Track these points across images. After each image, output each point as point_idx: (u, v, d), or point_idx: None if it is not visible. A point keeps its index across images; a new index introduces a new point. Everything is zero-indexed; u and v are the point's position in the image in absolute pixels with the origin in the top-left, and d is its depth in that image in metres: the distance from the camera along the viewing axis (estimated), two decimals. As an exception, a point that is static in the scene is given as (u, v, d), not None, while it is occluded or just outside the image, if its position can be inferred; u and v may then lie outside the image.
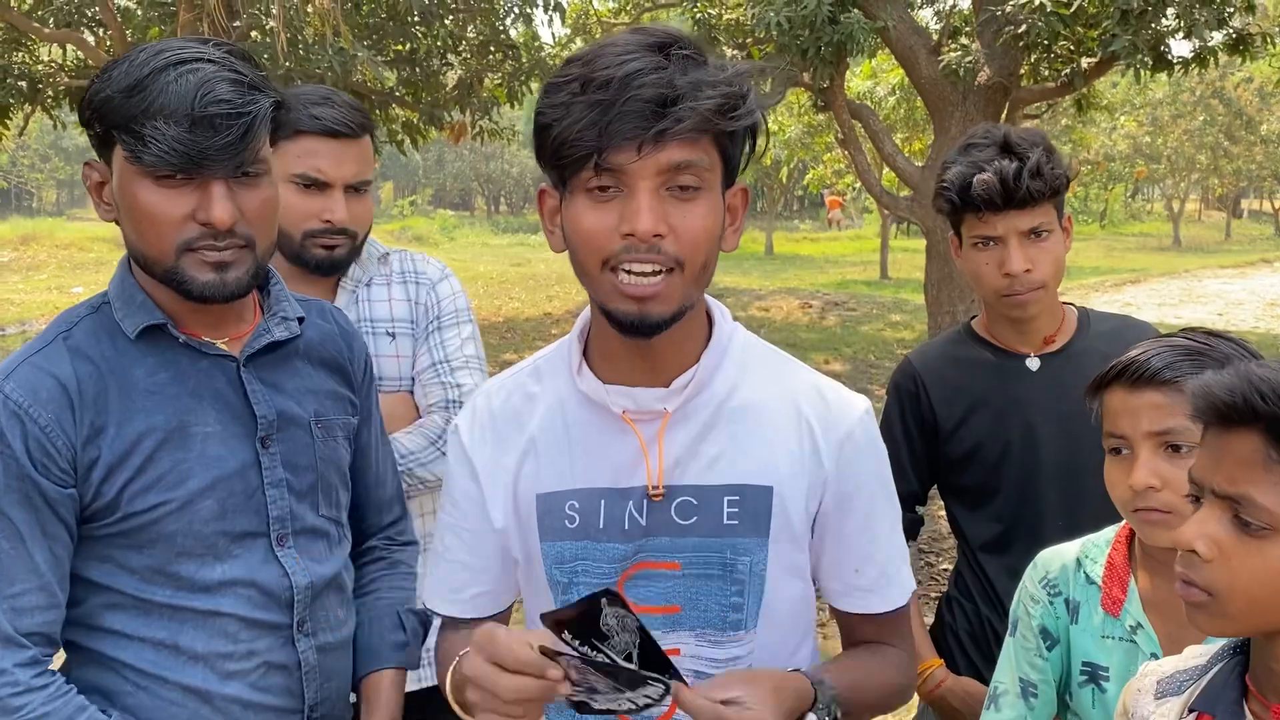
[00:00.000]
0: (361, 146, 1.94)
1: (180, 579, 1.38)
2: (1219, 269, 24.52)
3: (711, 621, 1.27)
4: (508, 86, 10.04)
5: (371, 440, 1.65)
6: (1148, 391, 1.39)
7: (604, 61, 1.11)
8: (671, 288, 1.15)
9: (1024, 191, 1.81)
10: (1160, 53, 6.64)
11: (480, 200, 51.57)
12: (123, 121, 1.27)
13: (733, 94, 1.13)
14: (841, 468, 1.29)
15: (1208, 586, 1.02)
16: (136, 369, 1.37)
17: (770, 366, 1.32)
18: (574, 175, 1.14)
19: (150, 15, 8.92)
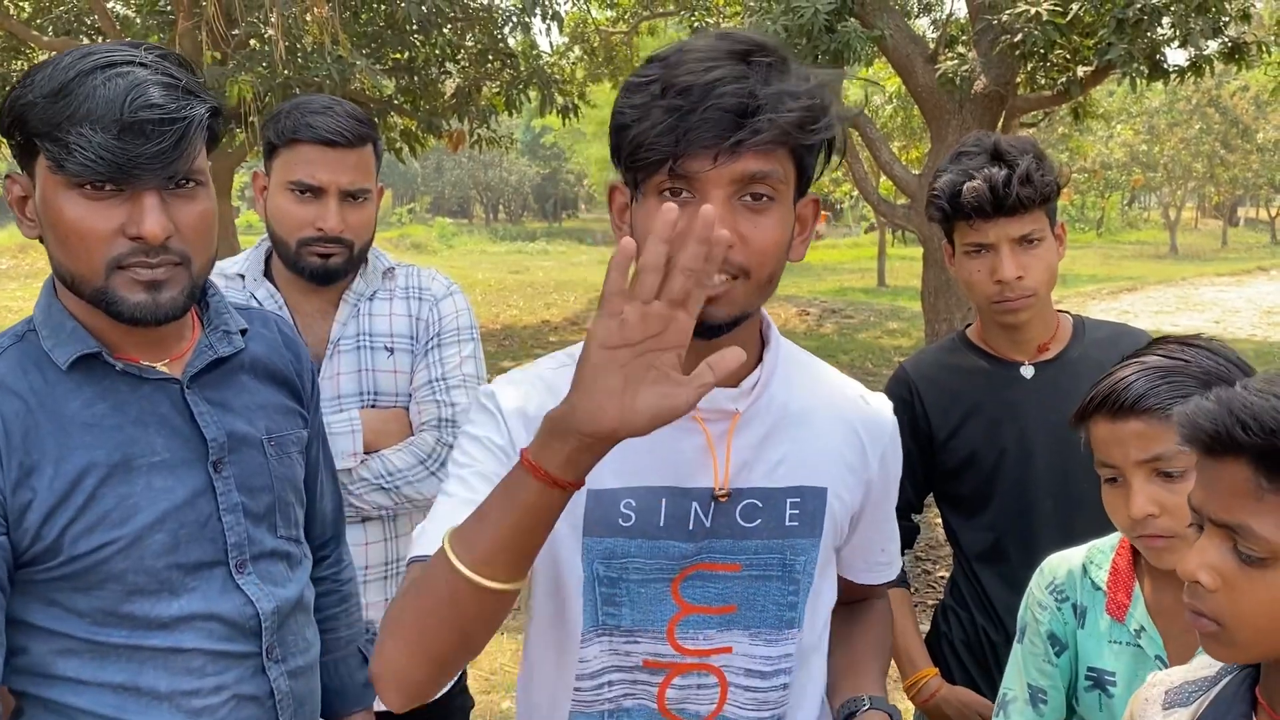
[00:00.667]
0: (360, 155, 1.94)
1: (135, 618, 1.29)
2: (1215, 277, 24.54)
3: (768, 621, 1.28)
4: (506, 95, 10.05)
5: (318, 456, 1.58)
6: (1131, 421, 1.38)
7: (686, 67, 1.10)
8: (735, 293, 1.14)
9: (1014, 198, 1.82)
10: (1156, 61, 6.66)
11: (478, 208, 51.58)
12: (45, 129, 1.17)
13: (814, 106, 1.12)
14: (883, 468, 1.36)
15: (1215, 616, 1.01)
16: (71, 401, 1.27)
17: (812, 372, 1.35)
18: (648, 177, 1.14)
19: (149, 23, 8.93)
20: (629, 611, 1.24)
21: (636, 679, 1.27)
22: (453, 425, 1.96)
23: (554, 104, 9.85)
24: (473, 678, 3.96)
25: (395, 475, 1.93)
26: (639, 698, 1.27)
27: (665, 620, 1.25)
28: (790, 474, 1.27)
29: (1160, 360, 1.40)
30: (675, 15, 11.77)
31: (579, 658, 1.26)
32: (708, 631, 1.26)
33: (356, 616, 1.69)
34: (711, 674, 1.27)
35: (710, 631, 1.26)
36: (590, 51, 13.08)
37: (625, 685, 1.27)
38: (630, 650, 1.26)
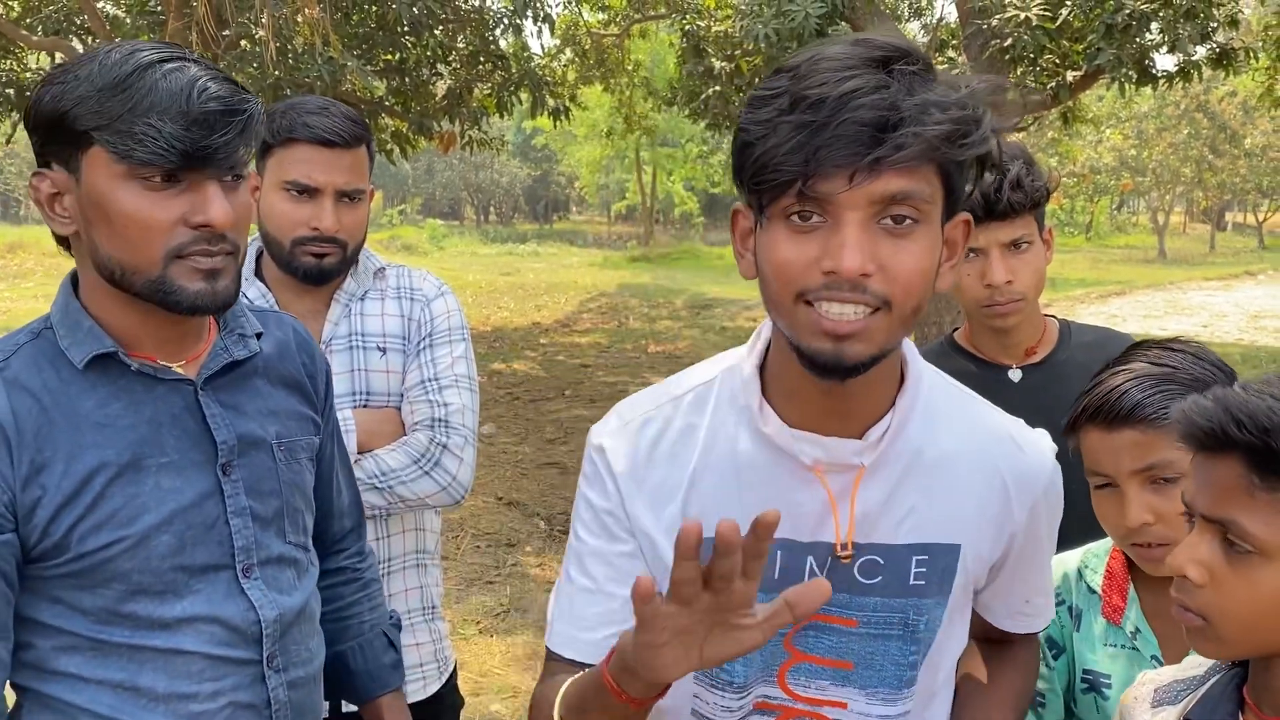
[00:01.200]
0: (355, 156, 1.95)
1: (138, 618, 1.29)
2: (1203, 281, 24.66)
3: (886, 681, 1.20)
4: (497, 97, 10.05)
5: (333, 453, 1.59)
6: (1126, 430, 1.37)
7: (818, 77, 0.98)
8: (875, 328, 1.02)
9: (1004, 203, 1.83)
10: (1145, 66, 6.71)
11: (470, 210, 51.55)
12: (104, 121, 1.19)
13: (965, 118, 1.00)
14: (1032, 519, 1.23)
15: (1201, 611, 1.02)
16: (85, 400, 1.28)
17: (959, 410, 1.22)
18: (774, 200, 1.02)
19: (139, 24, 8.92)
20: (741, 668, 1.19)
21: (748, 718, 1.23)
22: (445, 425, 1.96)
23: (545, 106, 9.85)
24: (463, 680, 3.96)
25: (389, 475, 1.93)
26: None
27: (776, 665, 1.20)
28: (918, 530, 1.16)
29: (1148, 368, 1.40)
30: (667, 18, 11.79)
31: (693, 693, 1.23)
32: (820, 682, 1.20)
33: (379, 601, 1.70)
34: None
35: (824, 683, 1.20)
36: (582, 54, 13.10)
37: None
38: (740, 704, 1.22)
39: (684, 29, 10.40)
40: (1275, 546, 0.97)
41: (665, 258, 28.04)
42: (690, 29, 10.21)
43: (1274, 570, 0.98)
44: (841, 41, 1.03)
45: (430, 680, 2.09)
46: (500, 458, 7.75)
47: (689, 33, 10.20)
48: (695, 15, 10.41)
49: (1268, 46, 8.56)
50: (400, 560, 2.06)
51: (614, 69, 13.46)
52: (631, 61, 14.15)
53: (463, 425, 1.98)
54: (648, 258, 28.39)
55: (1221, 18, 6.67)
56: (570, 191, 50.59)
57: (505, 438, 8.41)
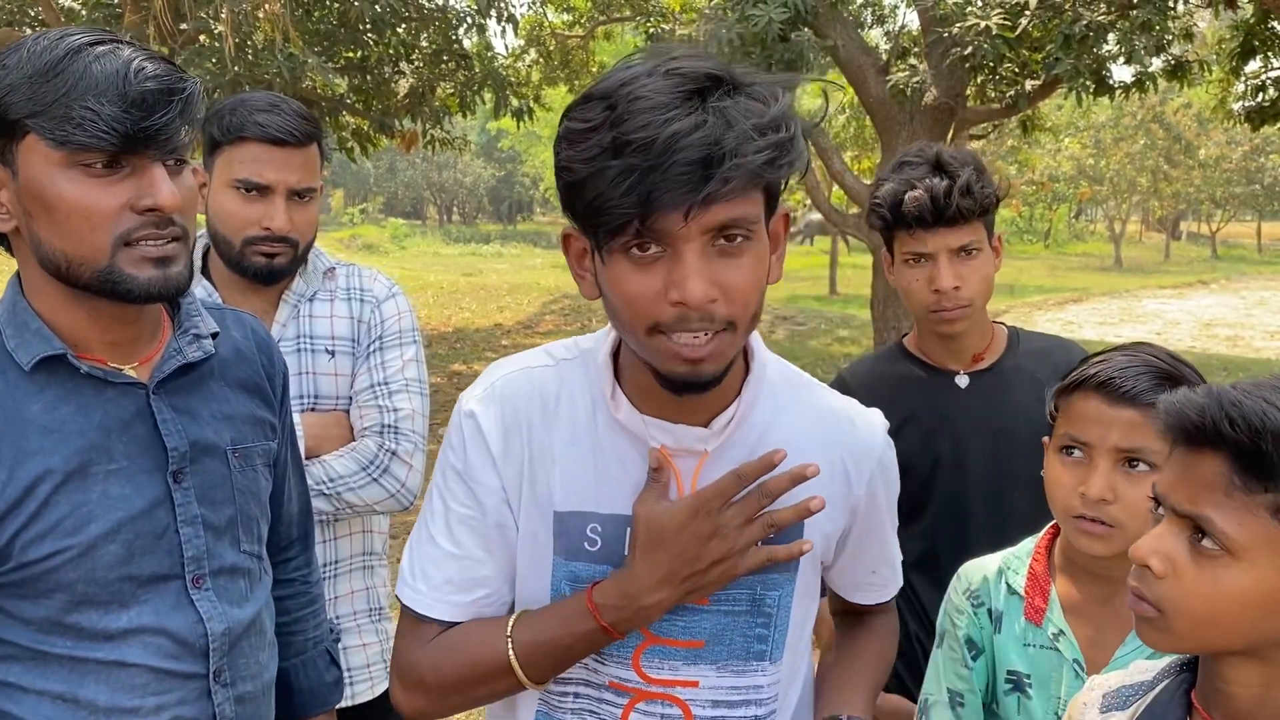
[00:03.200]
0: (306, 154, 1.92)
1: (81, 629, 1.25)
2: (1158, 289, 25.08)
3: (735, 654, 1.25)
4: (460, 96, 9.99)
5: (287, 458, 1.55)
6: (1127, 409, 1.40)
7: (640, 118, 1.00)
8: (724, 346, 1.09)
9: (954, 209, 1.84)
10: (1102, 77, 6.81)
11: (432, 209, 51.27)
12: (38, 108, 1.15)
13: (782, 141, 1.04)
14: (871, 490, 1.31)
15: (1157, 602, 1.02)
16: (32, 404, 1.23)
17: (800, 396, 1.29)
18: (611, 237, 1.05)
19: (94, 16, 8.77)
20: None
21: (603, 698, 1.26)
22: (395, 431, 1.94)
23: (508, 106, 9.81)
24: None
25: (336, 481, 1.90)
26: (603, 717, 1.26)
27: (631, 647, 1.23)
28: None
29: (1160, 365, 1.44)
30: (631, 20, 11.79)
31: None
32: (673, 663, 1.24)
33: (323, 618, 1.67)
34: (676, 705, 1.25)
35: (676, 663, 1.24)
36: (546, 55, 13.07)
37: (591, 701, 1.26)
38: (599, 669, 1.25)
39: (648, 32, 10.41)
40: (1243, 548, 0.98)
41: (628, 260, 27.96)
42: (654, 32, 10.22)
43: (1237, 571, 0.98)
44: (650, 70, 1.05)
45: (378, 681, 2.07)
46: (459, 460, 7.68)
47: (653, 36, 10.21)
48: (660, 18, 10.42)
49: (1221, 59, 8.71)
50: (347, 562, 2.03)
51: (578, 70, 13.43)
52: (596, 63, 14.13)
53: (412, 431, 1.95)
54: (611, 260, 28.29)
55: (1177, 30, 6.79)
56: (534, 192, 50.47)
57: (465, 439, 8.34)
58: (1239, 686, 1.03)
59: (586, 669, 1.25)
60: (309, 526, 1.66)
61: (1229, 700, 1.03)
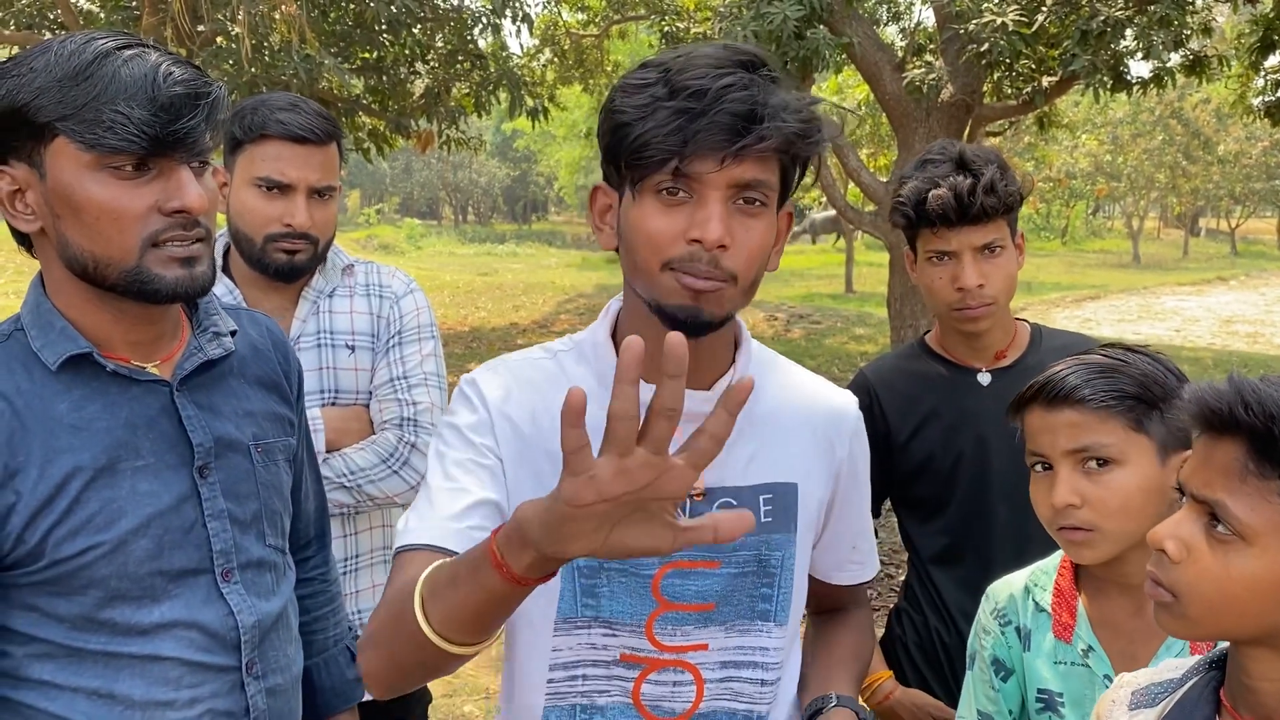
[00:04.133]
0: (326, 153, 1.94)
1: (115, 624, 1.27)
2: (1177, 286, 24.92)
3: (741, 613, 1.30)
4: (475, 96, 10.02)
5: (304, 456, 1.57)
6: (1065, 410, 1.42)
7: (696, 71, 1.12)
8: (726, 294, 1.17)
9: (978, 207, 1.84)
10: (1119, 73, 6.78)
11: (448, 209, 51.40)
12: (68, 111, 1.17)
13: (812, 119, 1.16)
14: (851, 456, 1.39)
15: (1172, 587, 1.04)
16: (59, 403, 1.25)
17: (779, 372, 1.38)
18: (647, 176, 1.15)
19: (113, 18, 8.83)
20: (608, 603, 1.25)
21: (612, 674, 1.27)
22: (414, 424, 1.96)
23: (523, 106, 9.83)
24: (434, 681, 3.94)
25: (357, 474, 1.92)
26: (613, 694, 1.27)
27: (644, 615, 1.26)
28: (761, 471, 1.30)
29: (1099, 359, 1.46)
30: (646, 19, 11.80)
31: (552, 646, 1.27)
32: (685, 628, 1.27)
33: (343, 615, 1.69)
34: (687, 671, 1.28)
35: (689, 628, 1.27)
36: (561, 54, 13.09)
37: (600, 680, 1.27)
38: (608, 644, 1.26)
39: (663, 30, 10.41)
40: (1255, 533, 0.99)
41: (644, 259, 27.97)
42: (669, 30, 10.22)
43: (1249, 556, 1.00)
44: (708, 46, 1.17)
45: None
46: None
47: (668, 34, 10.21)
48: (674, 17, 10.42)
49: (1240, 54, 8.65)
50: (368, 556, 2.05)
51: (593, 69, 13.45)
52: (611, 62, 14.15)
53: (431, 424, 1.97)
54: (626, 259, 28.30)
55: (1195, 25, 6.75)
56: (549, 192, 50.55)
57: (481, 438, 8.37)
58: (1265, 681, 1.03)
59: (594, 647, 1.26)
60: (325, 524, 1.67)
61: (1256, 696, 1.04)
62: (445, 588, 1.01)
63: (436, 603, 1.02)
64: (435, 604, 1.02)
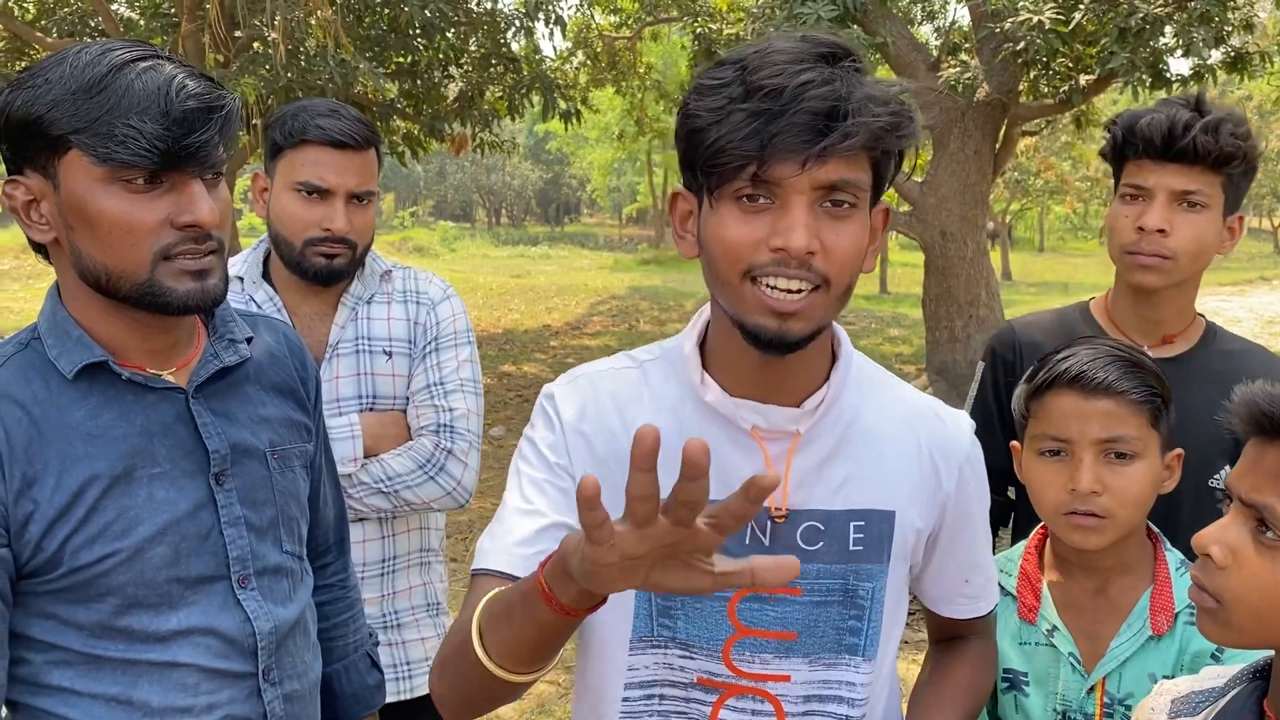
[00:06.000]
0: (365, 158, 1.95)
1: (133, 632, 1.27)
2: (1218, 286, 24.53)
3: (827, 646, 1.22)
4: (508, 99, 10.05)
5: (322, 464, 1.56)
6: (1101, 400, 1.44)
7: (771, 68, 1.04)
8: (814, 305, 1.09)
9: (1188, 144, 1.68)
10: (1158, 70, 6.68)
11: (481, 212, 51.63)
12: (82, 124, 1.16)
13: (901, 112, 1.07)
14: (960, 487, 1.27)
15: (1216, 593, 1.02)
16: (75, 411, 1.25)
17: (884, 388, 1.28)
18: (725, 183, 1.08)
19: (153, 26, 8.95)
20: (684, 625, 1.20)
21: (690, 696, 1.22)
22: (450, 430, 1.97)
23: (556, 108, 9.86)
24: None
25: (395, 480, 1.93)
26: (691, 716, 1.22)
27: (721, 639, 1.20)
28: (854, 496, 1.21)
29: (1124, 353, 1.48)
30: (678, 21, 11.79)
31: (628, 664, 1.22)
32: (765, 655, 1.21)
33: (363, 622, 1.69)
34: (768, 701, 1.22)
35: (768, 656, 1.20)
36: (593, 56, 13.11)
37: (678, 701, 1.23)
38: (685, 665, 1.21)
39: (696, 32, 10.40)
40: None
41: (676, 260, 28.01)
42: (702, 32, 10.21)
43: None
44: (785, 38, 1.09)
45: None
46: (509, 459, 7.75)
47: (701, 35, 10.20)
48: (707, 18, 10.41)
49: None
50: (405, 559, 2.06)
51: (626, 71, 13.46)
52: (643, 64, 14.15)
53: (467, 430, 1.98)
54: (658, 260, 28.39)
55: (1236, 21, 6.64)
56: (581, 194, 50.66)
57: (514, 439, 8.41)
58: None
59: (670, 668, 1.22)
60: (344, 531, 1.67)
61: None
62: (501, 619, 1.03)
63: (493, 634, 1.03)
64: (492, 635, 1.04)
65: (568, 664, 3.85)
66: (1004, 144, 7.78)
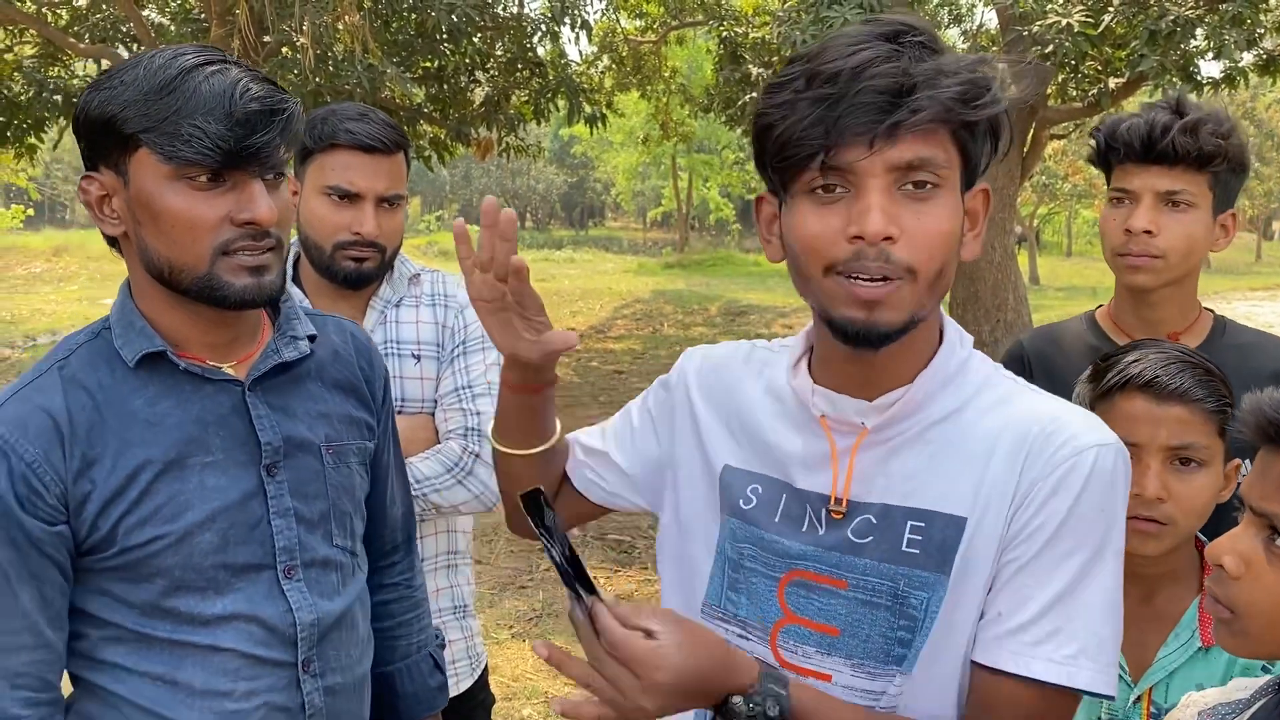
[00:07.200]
0: (394, 162, 1.96)
1: (179, 614, 1.32)
2: (1249, 291, 24.27)
3: (872, 653, 1.12)
4: (534, 103, 10.09)
5: (389, 461, 1.60)
6: (1175, 406, 1.41)
7: (831, 53, 1.02)
8: (903, 295, 1.04)
9: (1167, 144, 1.70)
10: (1189, 73, 6.63)
11: (505, 216, 51.76)
12: (151, 123, 1.23)
13: (975, 80, 1.02)
14: (1042, 499, 1.08)
15: (1230, 603, 1.01)
16: (136, 398, 1.32)
17: (1007, 396, 1.15)
18: (797, 177, 1.05)
19: (183, 31, 9.05)
20: (745, 601, 1.20)
21: None
22: (478, 434, 1.97)
23: (582, 112, 9.88)
24: (495, 684, 3.97)
25: (423, 483, 1.94)
26: None
27: (771, 622, 1.18)
28: (919, 495, 1.11)
29: (1197, 360, 1.45)
30: (704, 24, 11.79)
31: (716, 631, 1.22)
32: (807, 648, 1.16)
33: (427, 622, 1.70)
34: None
35: (810, 649, 1.16)
36: (619, 60, 13.13)
37: None
38: (739, 645, 1.19)
39: (721, 35, 10.40)
40: None
41: (700, 264, 28.01)
42: (727, 35, 10.21)
43: None
44: (853, 26, 1.06)
45: (463, 677, 2.10)
46: (534, 463, 7.74)
47: (726, 39, 10.21)
48: (733, 22, 10.41)
49: (1316, 53, 8.42)
50: (432, 561, 2.07)
51: (651, 75, 13.47)
52: (668, 68, 14.16)
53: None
54: (683, 264, 28.38)
55: (1269, 24, 6.58)
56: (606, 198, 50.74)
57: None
58: None
59: (731, 628, 1.22)
60: (412, 530, 1.69)
61: None
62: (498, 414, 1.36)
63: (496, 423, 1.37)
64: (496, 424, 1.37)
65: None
66: (1032, 147, 7.73)
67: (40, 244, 25.03)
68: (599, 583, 1.12)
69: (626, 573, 5.37)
